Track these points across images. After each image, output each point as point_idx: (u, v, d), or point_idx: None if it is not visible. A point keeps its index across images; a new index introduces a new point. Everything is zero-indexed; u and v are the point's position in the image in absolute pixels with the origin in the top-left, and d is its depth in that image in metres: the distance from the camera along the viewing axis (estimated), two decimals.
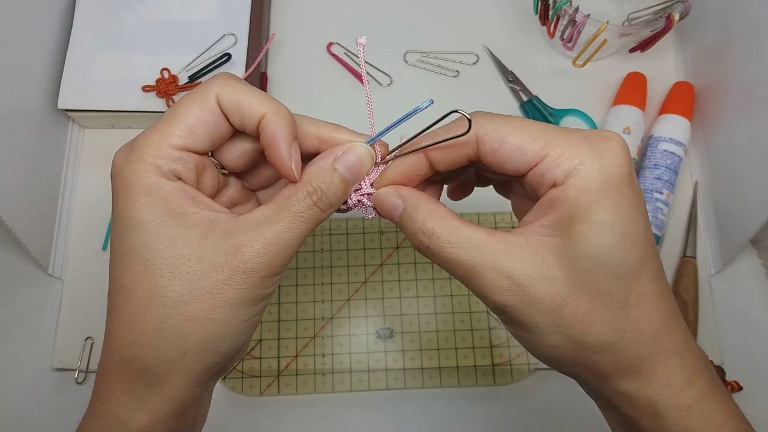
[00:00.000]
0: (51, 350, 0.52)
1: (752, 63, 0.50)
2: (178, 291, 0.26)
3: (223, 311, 0.27)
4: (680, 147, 0.56)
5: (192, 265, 0.27)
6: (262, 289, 0.28)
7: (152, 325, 0.27)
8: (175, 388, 0.28)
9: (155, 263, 0.27)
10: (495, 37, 0.62)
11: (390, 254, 0.55)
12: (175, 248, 0.27)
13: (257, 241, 0.27)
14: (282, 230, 0.27)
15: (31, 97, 0.52)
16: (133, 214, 0.27)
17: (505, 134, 0.27)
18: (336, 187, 0.29)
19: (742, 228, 0.51)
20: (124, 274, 0.27)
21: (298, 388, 0.51)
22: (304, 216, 0.28)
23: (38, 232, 0.51)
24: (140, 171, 0.27)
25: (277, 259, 0.27)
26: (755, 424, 0.34)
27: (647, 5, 0.57)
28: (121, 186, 0.27)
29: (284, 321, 0.53)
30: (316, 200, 0.28)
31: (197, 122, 0.28)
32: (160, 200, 0.27)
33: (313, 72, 0.61)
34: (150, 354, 0.27)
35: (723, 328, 0.53)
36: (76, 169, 0.57)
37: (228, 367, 0.31)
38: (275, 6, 0.63)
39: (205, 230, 0.27)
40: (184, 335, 0.27)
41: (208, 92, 0.28)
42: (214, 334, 0.27)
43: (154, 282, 0.27)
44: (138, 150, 0.27)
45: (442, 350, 0.52)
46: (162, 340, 0.27)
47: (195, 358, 0.27)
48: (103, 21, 0.57)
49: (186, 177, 0.28)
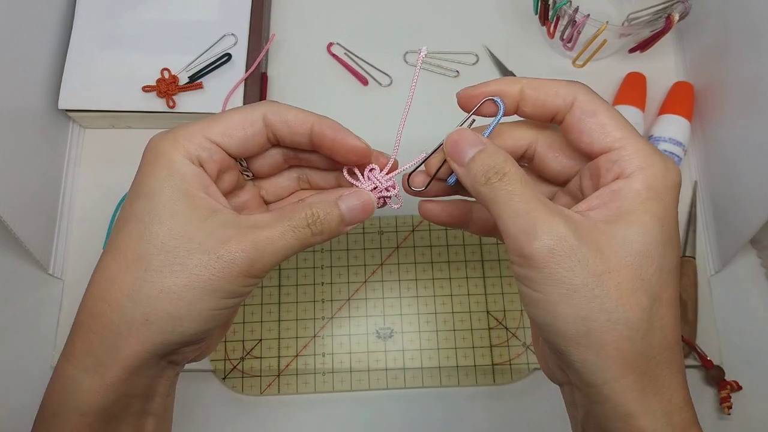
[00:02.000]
0: (51, 350, 0.52)
1: (752, 63, 0.50)
2: (162, 261, 0.28)
3: (193, 293, 0.28)
4: (680, 147, 0.56)
5: (182, 242, 0.28)
6: (235, 285, 0.29)
7: (127, 286, 0.28)
8: (130, 353, 0.29)
9: (151, 230, 0.29)
10: (495, 37, 0.62)
11: (390, 254, 0.55)
12: (174, 222, 0.29)
13: (247, 239, 0.29)
14: (272, 236, 0.29)
15: (31, 97, 0.52)
16: (149, 182, 0.29)
17: (599, 110, 0.29)
18: (332, 218, 0.31)
19: (742, 228, 0.51)
20: (121, 236, 0.29)
21: (298, 387, 0.51)
22: (296, 232, 0.30)
23: (38, 232, 0.51)
24: (170, 147, 0.30)
25: (258, 261, 0.29)
26: (755, 423, 0.35)
27: (647, 5, 0.57)
28: (150, 156, 0.30)
29: (284, 321, 0.53)
30: (310, 223, 0.30)
31: (235, 127, 0.31)
32: (177, 176, 0.29)
33: (313, 72, 0.61)
34: (115, 313, 0.29)
35: (722, 328, 0.53)
36: (77, 169, 0.57)
37: (183, 356, 0.32)
38: (275, 6, 0.63)
39: (206, 215, 0.29)
40: (152, 303, 0.28)
41: (255, 108, 0.32)
42: (178, 311, 0.28)
43: (144, 248, 0.28)
44: (175, 132, 0.31)
45: (442, 350, 0.52)
46: (130, 302, 0.28)
47: (155, 328, 0.28)
48: (103, 21, 0.57)
49: (207, 167, 0.31)
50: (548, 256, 0.27)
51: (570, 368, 0.28)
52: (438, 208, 0.34)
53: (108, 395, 0.29)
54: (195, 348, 0.32)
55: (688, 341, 0.51)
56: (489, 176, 0.29)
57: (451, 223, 0.35)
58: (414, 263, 0.55)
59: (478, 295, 0.54)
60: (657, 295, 0.27)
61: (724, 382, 0.51)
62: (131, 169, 0.56)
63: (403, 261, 0.55)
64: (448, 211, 0.34)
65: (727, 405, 0.50)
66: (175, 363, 0.32)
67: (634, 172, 0.28)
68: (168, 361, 0.31)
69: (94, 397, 0.29)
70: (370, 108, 0.60)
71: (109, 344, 0.29)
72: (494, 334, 0.53)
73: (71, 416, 0.29)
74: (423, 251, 0.55)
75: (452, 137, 0.31)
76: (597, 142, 0.29)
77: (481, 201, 0.30)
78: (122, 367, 0.29)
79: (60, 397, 0.29)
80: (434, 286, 0.54)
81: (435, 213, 0.35)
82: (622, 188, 0.28)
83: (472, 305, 0.53)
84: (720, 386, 0.51)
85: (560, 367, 0.31)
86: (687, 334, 0.52)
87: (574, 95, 0.30)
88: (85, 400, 0.29)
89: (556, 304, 0.27)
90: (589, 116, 0.29)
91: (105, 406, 0.29)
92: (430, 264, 0.55)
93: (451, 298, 0.53)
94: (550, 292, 0.27)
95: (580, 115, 0.30)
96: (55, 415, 0.29)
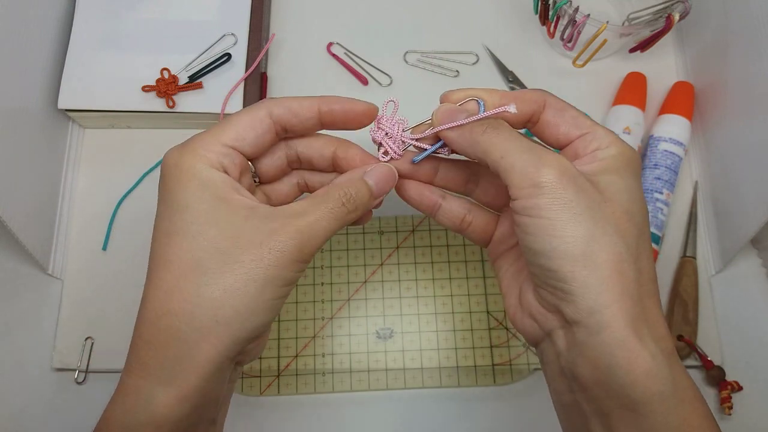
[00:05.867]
0: (51, 350, 0.52)
1: (752, 63, 0.50)
2: (218, 263, 0.29)
3: (255, 285, 0.29)
4: (680, 147, 0.56)
5: (232, 242, 0.30)
6: (289, 271, 0.30)
7: (190, 293, 0.29)
8: (204, 359, 0.29)
9: (200, 239, 0.30)
10: (495, 37, 0.62)
11: (390, 254, 0.55)
12: (219, 227, 0.30)
13: (291, 227, 0.30)
14: (312, 222, 0.31)
15: (31, 97, 0.52)
16: (184, 196, 0.31)
17: (568, 108, 0.34)
18: (363, 194, 0.33)
19: (742, 228, 0.51)
20: (169, 249, 0.30)
21: (298, 388, 0.51)
22: (334, 212, 0.32)
23: (38, 232, 0.51)
24: (193, 161, 0.31)
25: (305, 246, 0.31)
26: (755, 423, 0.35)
27: (647, 5, 0.57)
28: (174, 171, 0.31)
29: (284, 321, 0.53)
30: (345, 202, 0.32)
31: (246, 128, 0.33)
32: (209, 186, 0.31)
33: (313, 72, 0.61)
34: (184, 321, 0.29)
35: (723, 328, 0.53)
36: (76, 169, 0.57)
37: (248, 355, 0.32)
38: (275, 6, 0.63)
39: (246, 214, 0.31)
40: (218, 304, 0.29)
41: (259, 107, 0.33)
42: (245, 305, 0.29)
43: (197, 255, 0.30)
44: (192, 145, 0.32)
45: (442, 350, 0.52)
46: (197, 308, 0.29)
47: (225, 328, 0.29)
48: (103, 21, 0.57)
49: (231, 171, 0.32)
50: (557, 181, 0.29)
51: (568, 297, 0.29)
52: (413, 187, 0.37)
53: (184, 406, 0.29)
54: (257, 344, 0.33)
55: (688, 341, 0.51)
56: (486, 128, 0.32)
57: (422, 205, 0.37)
58: (414, 263, 0.55)
59: (478, 296, 0.53)
60: (641, 228, 0.31)
61: (725, 383, 0.50)
62: (131, 169, 0.57)
63: (403, 261, 0.55)
64: (420, 191, 0.37)
65: (727, 405, 0.50)
66: (240, 363, 0.33)
67: (609, 145, 0.32)
68: (236, 362, 0.32)
69: (170, 409, 0.29)
70: None
71: (183, 354, 0.29)
72: (494, 334, 0.52)
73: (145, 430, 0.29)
74: (423, 251, 0.55)
75: (443, 107, 0.34)
76: (573, 131, 0.33)
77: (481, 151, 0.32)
78: (198, 375, 0.29)
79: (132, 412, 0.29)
80: (434, 286, 0.54)
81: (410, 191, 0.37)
82: (599, 154, 0.32)
83: (473, 305, 0.53)
84: (720, 387, 0.51)
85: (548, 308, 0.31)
86: (687, 334, 0.52)
87: (544, 98, 0.34)
88: (161, 413, 0.29)
89: (565, 225, 0.29)
90: (562, 112, 0.34)
91: (180, 418, 0.29)
92: (431, 264, 0.54)
93: (452, 299, 0.53)
94: (559, 214, 0.29)
95: (554, 112, 0.34)
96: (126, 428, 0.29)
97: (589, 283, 0.29)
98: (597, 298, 0.28)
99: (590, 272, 0.29)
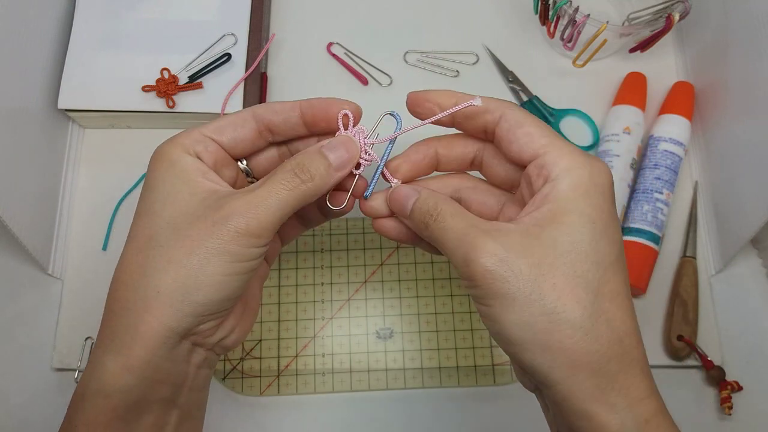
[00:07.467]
0: (51, 350, 0.52)
1: (752, 63, 0.50)
2: (167, 236, 0.31)
3: (198, 258, 0.30)
4: (680, 147, 0.56)
5: (184, 219, 0.31)
6: (236, 245, 0.30)
7: (139, 265, 0.31)
8: (148, 329, 0.30)
9: (159, 216, 0.31)
10: (495, 37, 0.62)
11: (390, 254, 0.55)
12: (177, 205, 0.31)
13: (239, 201, 0.31)
14: (263, 193, 0.31)
15: (31, 97, 0.52)
16: (154, 176, 0.32)
17: (524, 121, 0.32)
18: (318, 163, 0.32)
19: (742, 228, 0.51)
20: (134, 227, 0.32)
21: (298, 388, 0.51)
22: (284, 182, 0.31)
23: (38, 232, 0.51)
24: (170, 147, 0.33)
25: (254, 218, 0.30)
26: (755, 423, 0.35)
27: (647, 5, 0.57)
28: (153, 158, 0.33)
29: (284, 321, 0.53)
30: (297, 172, 0.32)
31: (228, 123, 0.34)
32: (177, 168, 0.32)
33: (313, 72, 0.61)
34: (130, 291, 0.30)
35: (723, 328, 0.53)
36: (76, 169, 0.57)
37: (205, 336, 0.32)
38: (275, 6, 0.63)
39: (205, 195, 0.32)
40: (161, 275, 0.30)
41: (245, 110, 0.35)
42: (188, 277, 0.30)
43: (153, 231, 0.31)
44: (176, 137, 0.34)
45: (442, 350, 0.52)
46: (142, 277, 0.30)
47: (167, 300, 0.30)
48: (103, 21, 0.57)
49: (204, 158, 0.33)
50: (485, 274, 0.28)
51: (527, 373, 0.30)
52: (390, 224, 0.36)
53: (129, 376, 0.30)
54: (214, 326, 0.32)
55: (688, 341, 0.51)
56: (426, 220, 0.32)
57: (402, 239, 0.36)
58: (414, 263, 0.55)
59: None
60: (596, 289, 0.28)
61: (725, 383, 0.50)
62: (131, 169, 0.57)
63: (403, 261, 0.55)
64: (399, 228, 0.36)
65: (727, 405, 0.50)
66: (199, 345, 0.33)
67: (559, 175, 0.30)
68: (192, 343, 0.32)
69: (117, 378, 0.30)
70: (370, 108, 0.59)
71: (129, 324, 0.30)
72: None
73: (97, 399, 0.30)
74: (423, 251, 0.55)
75: (392, 196, 0.34)
76: (525, 150, 0.31)
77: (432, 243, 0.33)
78: (142, 346, 0.30)
79: (88, 381, 0.30)
80: (434, 286, 0.54)
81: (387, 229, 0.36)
82: (550, 191, 0.30)
83: (473, 306, 0.53)
84: (721, 387, 0.51)
85: None
86: (687, 334, 0.52)
87: (501, 110, 0.32)
88: (108, 381, 0.30)
89: (500, 314, 0.29)
90: (516, 127, 0.31)
91: (128, 389, 0.30)
92: (431, 264, 0.54)
93: (452, 299, 0.53)
94: (494, 304, 0.29)
95: (507, 126, 0.32)
96: (82, 397, 0.30)
97: (537, 363, 0.28)
98: (549, 375, 0.28)
99: (534, 354, 0.28)
